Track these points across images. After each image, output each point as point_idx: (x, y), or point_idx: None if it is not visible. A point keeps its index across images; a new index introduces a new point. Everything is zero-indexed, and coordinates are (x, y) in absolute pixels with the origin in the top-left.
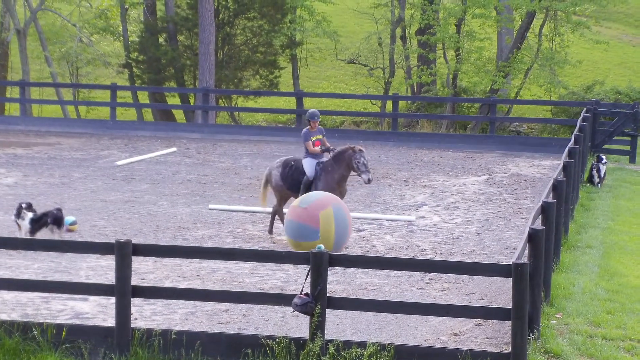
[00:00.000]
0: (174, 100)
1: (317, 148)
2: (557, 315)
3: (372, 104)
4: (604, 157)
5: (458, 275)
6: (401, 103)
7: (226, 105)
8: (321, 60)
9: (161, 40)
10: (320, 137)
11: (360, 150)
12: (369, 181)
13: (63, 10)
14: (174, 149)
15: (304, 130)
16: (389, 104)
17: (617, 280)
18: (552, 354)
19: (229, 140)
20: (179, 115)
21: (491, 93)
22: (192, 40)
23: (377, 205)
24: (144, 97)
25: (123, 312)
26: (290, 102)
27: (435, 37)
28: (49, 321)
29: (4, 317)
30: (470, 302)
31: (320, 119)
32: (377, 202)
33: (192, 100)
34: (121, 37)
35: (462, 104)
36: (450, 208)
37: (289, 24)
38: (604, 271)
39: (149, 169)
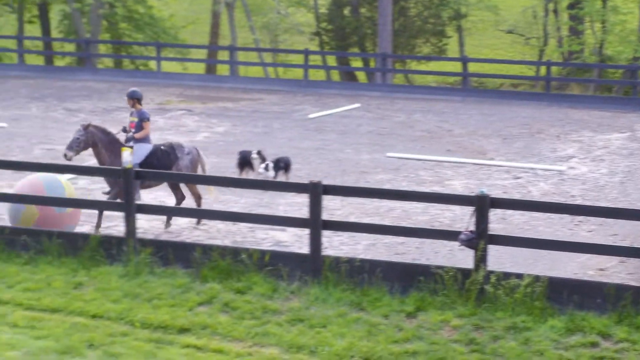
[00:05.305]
0: (357, 63)
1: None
2: None
3: (527, 69)
4: None
5: (604, 218)
6: (553, 68)
7: (401, 68)
8: (483, 31)
9: (346, 12)
10: (136, 119)
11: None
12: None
13: None
14: (357, 104)
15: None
16: (543, 69)
17: None
18: None
19: (403, 98)
20: (361, 76)
21: (634, 61)
22: (372, 12)
23: (532, 157)
24: (331, 60)
25: (316, 242)
26: (457, 66)
27: (583, 10)
28: (254, 247)
29: (218, 242)
30: (614, 242)
31: (134, 98)
32: (532, 153)
33: (372, 64)
34: (312, 10)
35: (608, 69)
36: (596, 160)
37: None
38: None
39: (336, 121)
